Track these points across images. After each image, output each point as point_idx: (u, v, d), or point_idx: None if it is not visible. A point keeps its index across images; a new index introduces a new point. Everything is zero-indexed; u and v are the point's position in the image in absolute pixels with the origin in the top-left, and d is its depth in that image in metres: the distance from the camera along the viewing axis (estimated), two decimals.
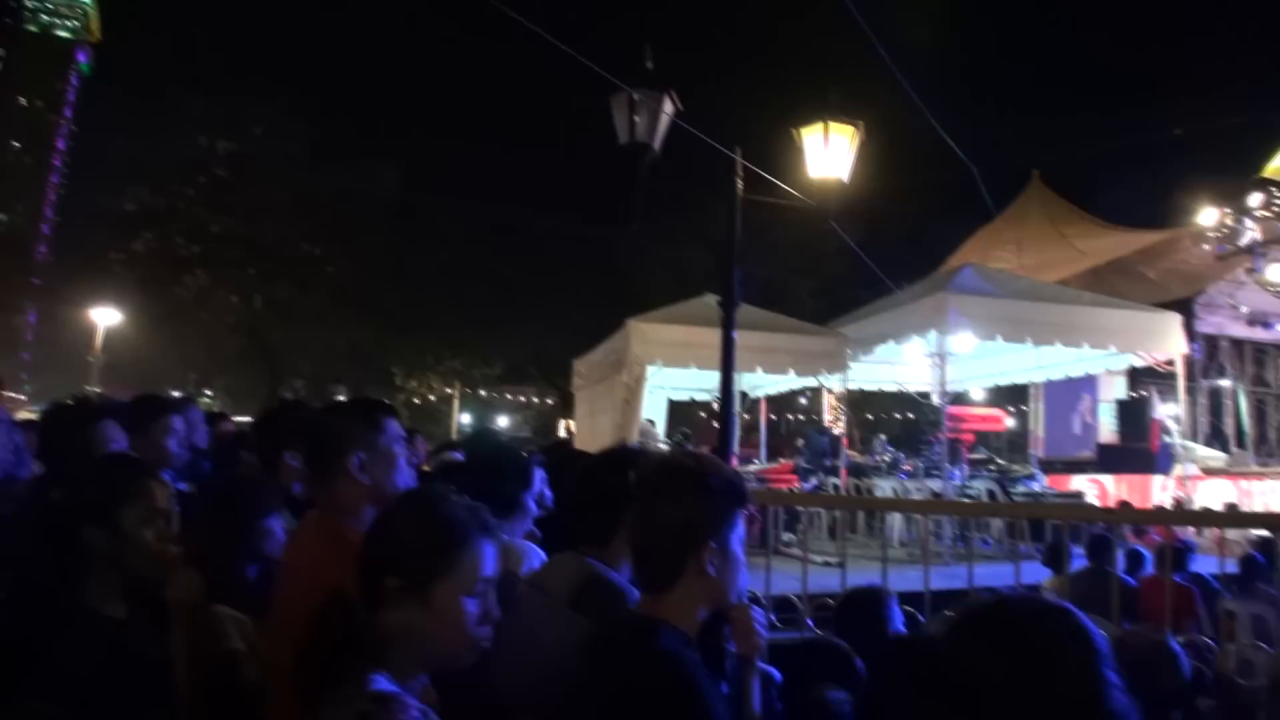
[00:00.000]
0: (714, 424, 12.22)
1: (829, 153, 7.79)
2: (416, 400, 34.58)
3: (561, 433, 22.69)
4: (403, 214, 30.16)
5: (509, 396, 41.63)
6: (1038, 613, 1.28)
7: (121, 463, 2.49)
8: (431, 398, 35.62)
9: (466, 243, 30.19)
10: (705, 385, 13.55)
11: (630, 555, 1.93)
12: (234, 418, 7.74)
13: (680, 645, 1.70)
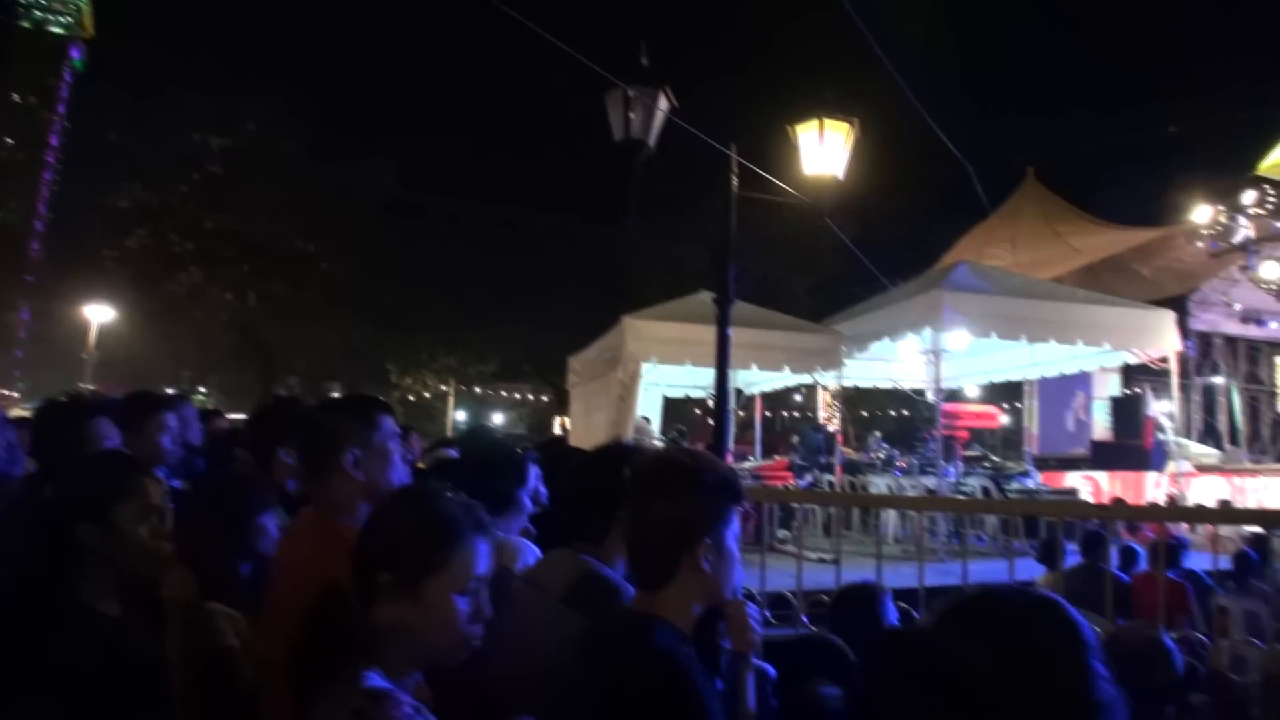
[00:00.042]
0: (709, 421, 12.22)
1: (824, 150, 7.78)
2: (411, 397, 34.50)
3: (556, 430, 22.64)
4: (397, 211, 30.08)
5: (504, 394, 41.55)
6: (1025, 604, 1.28)
7: (115, 460, 2.48)
8: (426, 395, 35.55)
9: (462, 240, 30.12)
10: (700, 382, 13.58)
11: (625, 552, 1.93)
12: (228, 415, 7.70)
13: (675, 642, 1.70)
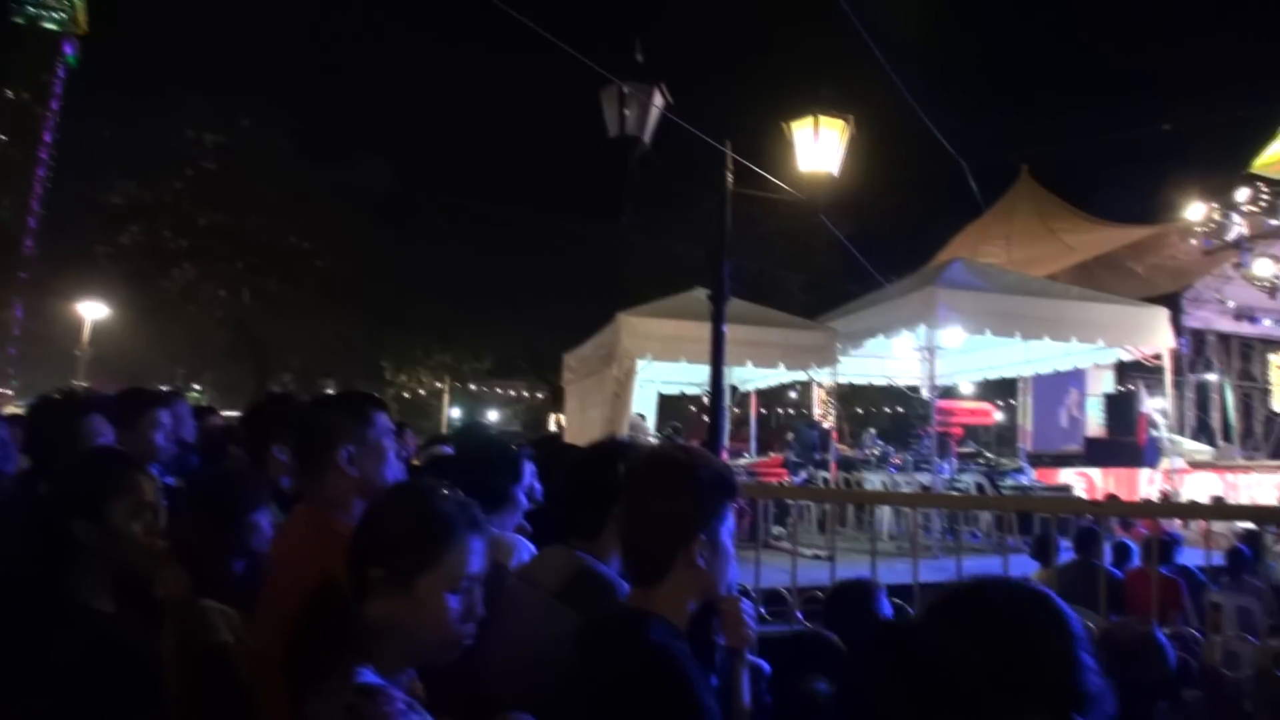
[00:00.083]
0: (704, 418, 12.23)
1: (819, 147, 7.78)
2: (406, 395, 34.45)
3: (551, 427, 22.63)
4: (392, 208, 30.02)
5: (499, 391, 41.47)
6: (1013, 596, 1.28)
7: (109, 456, 2.48)
8: (421, 392, 35.50)
9: (457, 237, 30.08)
10: (695, 379, 13.59)
11: (620, 548, 1.93)
12: (222, 412, 7.69)
13: (670, 638, 1.70)
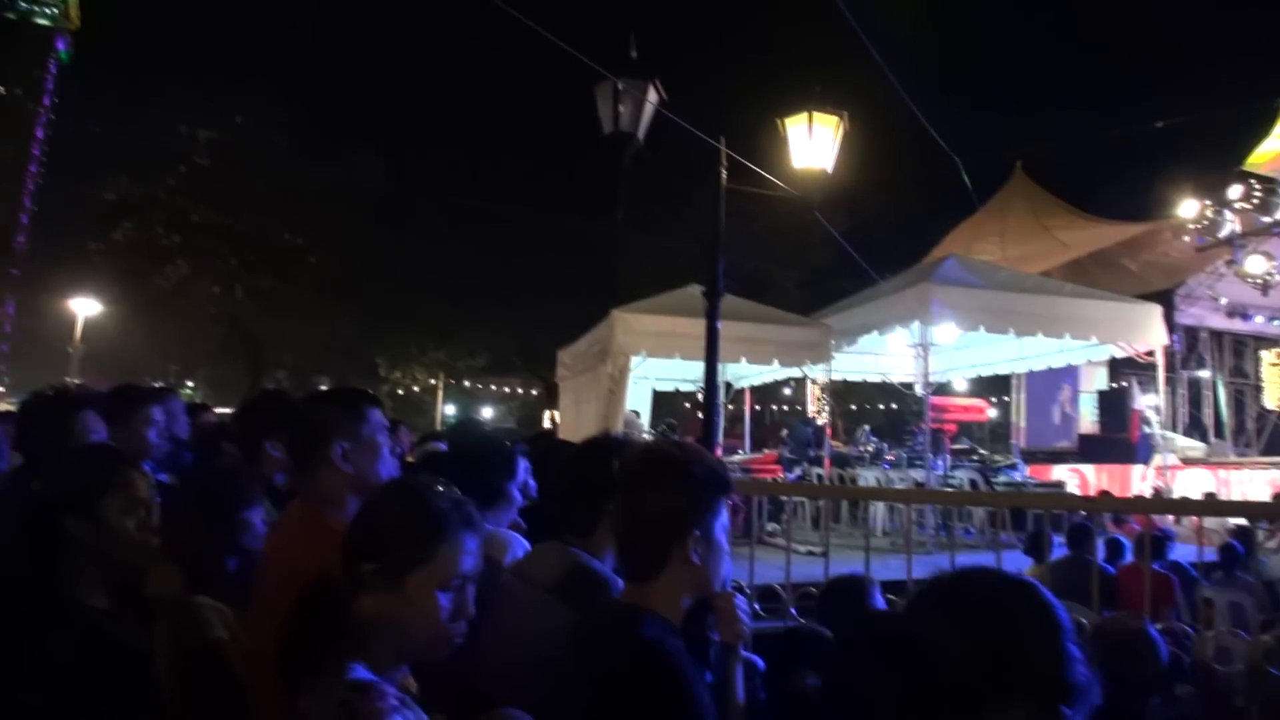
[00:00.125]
0: (699, 414, 12.22)
1: (813, 143, 7.79)
2: (401, 391, 34.37)
3: (546, 423, 22.61)
4: (386, 205, 29.92)
5: (494, 387, 41.39)
6: (998, 586, 1.28)
7: (102, 453, 2.47)
8: (416, 389, 35.44)
9: (452, 235, 30.00)
10: (690, 376, 13.59)
11: (614, 545, 1.93)
12: (216, 409, 7.66)
13: (665, 634, 1.70)
